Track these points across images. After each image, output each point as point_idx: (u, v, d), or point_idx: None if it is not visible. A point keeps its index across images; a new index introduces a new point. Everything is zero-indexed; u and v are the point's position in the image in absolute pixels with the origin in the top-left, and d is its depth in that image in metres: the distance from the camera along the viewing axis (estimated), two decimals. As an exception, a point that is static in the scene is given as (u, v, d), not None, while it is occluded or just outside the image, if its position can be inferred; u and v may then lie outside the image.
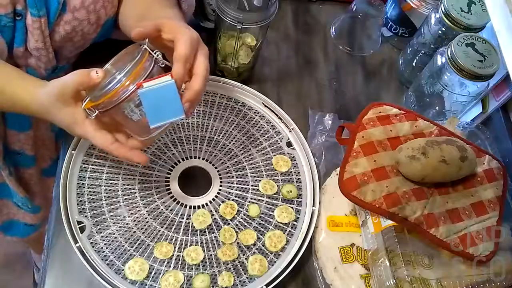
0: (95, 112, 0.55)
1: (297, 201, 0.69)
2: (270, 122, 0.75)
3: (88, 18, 0.65)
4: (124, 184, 0.66)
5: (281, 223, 0.66)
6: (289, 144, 0.74)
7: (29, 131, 0.74)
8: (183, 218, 0.65)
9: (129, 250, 0.62)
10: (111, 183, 0.66)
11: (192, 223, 0.65)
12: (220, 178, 0.69)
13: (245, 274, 0.62)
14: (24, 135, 0.75)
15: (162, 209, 0.65)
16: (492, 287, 0.62)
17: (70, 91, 0.54)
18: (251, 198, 0.68)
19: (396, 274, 0.59)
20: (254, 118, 0.75)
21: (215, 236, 0.64)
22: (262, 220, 0.67)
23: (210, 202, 0.67)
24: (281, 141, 0.74)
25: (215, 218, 0.66)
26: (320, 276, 0.64)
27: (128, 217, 0.64)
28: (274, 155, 0.72)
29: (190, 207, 0.66)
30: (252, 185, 0.69)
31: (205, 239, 0.64)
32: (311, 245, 0.66)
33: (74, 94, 0.55)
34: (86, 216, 0.63)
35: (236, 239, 0.64)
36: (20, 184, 0.81)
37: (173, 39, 0.56)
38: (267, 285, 0.61)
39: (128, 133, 0.59)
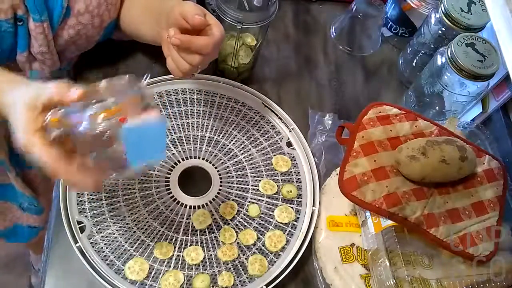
0: (54, 131, 0.47)
1: (297, 201, 0.69)
2: (270, 122, 0.75)
3: (92, 22, 0.65)
4: (124, 184, 0.66)
5: (281, 223, 0.67)
6: (289, 144, 0.74)
7: None
8: (183, 218, 0.65)
9: (129, 250, 0.62)
10: (111, 183, 0.66)
11: (192, 223, 0.65)
12: (220, 178, 0.69)
13: (245, 274, 0.62)
14: None
15: (162, 209, 0.65)
16: (492, 287, 0.62)
17: (44, 98, 0.48)
18: (251, 198, 0.68)
19: (396, 274, 0.59)
20: (254, 118, 0.75)
21: (215, 236, 0.64)
22: (262, 220, 0.67)
23: (210, 202, 0.67)
24: (281, 141, 0.74)
25: (215, 218, 0.66)
26: (320, 276, 0.64)
27: (128, 217, 0.64)
28: (274, 155, 0.72)
29: (190, 207, 0.66)
30: (252, 185, 0.69)
31: (205, 239, 0.64)
32: (311, 245, 0.66)
33: (46, 102, 0.48)
34: (86, 216, 0.63)
35: (236, 239, 0.64)
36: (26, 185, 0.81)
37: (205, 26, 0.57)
38: (267, 285, 0.61)
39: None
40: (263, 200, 0.68)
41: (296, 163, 0.72)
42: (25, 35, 0.61)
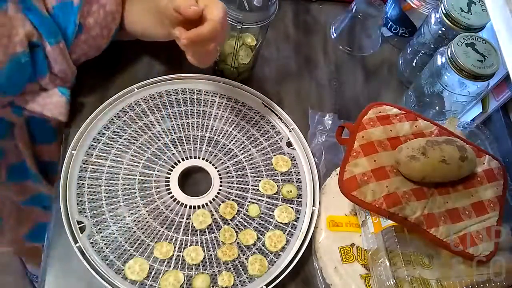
0: None
1: (297, 201, 0.69)
2: (270, 122, 0.75)
3: (102, 33, 0.65)
4: (124, 184, 0.66)
5: (281, 223, 0.67)
6: (289, 144, 0.74)
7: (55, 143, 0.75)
8: (183, 218, 0.65)
9: (129, 250, 0.62)
10: (111, 183, 0.66)
11: (192, 223, 0.65)
12: (220, 178, 0.69)
13: (245, 274, 0.62)
14: (52, 146, 0.76)
15: (162, 209, 0.65)
16: (492, 287, 0.62)
17: None
18: (251, 198, 0.68)
19: (396, 274, 0.59)
20: (254, 118, 0.75)
21: (215, 236, 0.64)
22: (262, 220, 0.67)
23: (210, 202, 0.67)
24: (281, 141, 0.74)
25: (215, 218, 0.66)
26: (320, 276, 0.65)
27: (128, 217, 0.64)
28: (274, 155, 0.72)
29: (190, 207, 0.66)
30: (252, 185, 0.69)
31: (205, 239, 0.64)
32: (311, 245, 0.66)
33: None
34: (86, 216, 0.63)
35: (236, 239, 0.64)
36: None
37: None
38: (267, 285, 0.61)
39: None
40: (263, 200, 0.68)
41: (296, 163, 0.72)
42: (43, 59, 0.61)
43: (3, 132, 0.69)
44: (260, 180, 0.69)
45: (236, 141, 0.73)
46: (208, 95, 0.76)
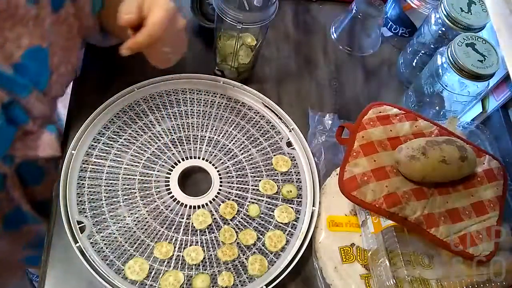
0: None
1: (297, 201, 0.69)
2: (270, 122, 0.75)
3: (66, 66, 0.62)
4: (124, 184, 0.66)
5: (281, 223, 0.67)
6: (289, 144, 0.74)
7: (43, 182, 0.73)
8: (183, 218, 0.65)
9: (129, 250, 0.62)
10: (111, 183, 0.66)
11: (192, 223, 0.65)
12: (220, 178, 0.69)
13: (245, 274, 0.62)
14: (42, 186, 0.73)
15: (162, 209, 0.65)
16: (492, 287, 0.62)
17: None
18: (251, 198, 0.68)
19: (396, 274, 0.59)
20: (254, 118, 0.75)
21: (215, 236, 0.64)
22: (262, 220, 0.67)
23: (210, 202, 0.67)
24: (281, 141, 0.74)
25: (215, 218, 0.66)
26: (320, 276, 0.65)
27: (128, 217, 0.64)
28: (274, 155, 0.72)
29: (190, 207, 0.66)
30: (252, 185, 0.69)
31: (205, 239, 0.64)
32: (311, 245, 0.66)
33: None
34: (86, 216, 0.63)
35: (236, 239, 0.64)
36: None
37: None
38: (267, 285, 0.61)
39: None
40: (263, 200, 0.68)
41: (296, 163, 0.72)
42: (20, 110, 0.58)
43: None
44: (260, 180, 0.69)
45: (236, 141, 0.73)
46: (208, 95, 0.76)
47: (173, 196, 0.67)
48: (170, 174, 0.68)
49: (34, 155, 0.63)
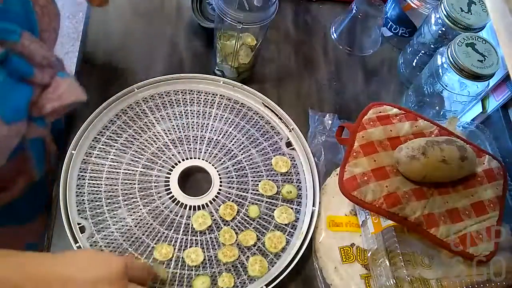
0: None
1: (297, 201, 0.69)
2: (270, 122, 0.75)
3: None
4: (124, 184, 0.66)
5: (281, 223, 0.66)
6: (289, 144, 0.74)
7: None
8: (183, 218, 0.65)
9: (129, 250, 0.62)
10: (111, 183, 0.66)
11: (192, 224, 0.65)
12: (220, 178, 0.69)
13: (245, 275, 0.62)
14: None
15: (162, 209, 0.65)
16: (492, 287, 0.62)
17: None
18: (251, 199, 0.68)
19: (396, 274, 0.59)
20: (254, 118, 0.75)
21: (215, 237, 0.64)
22: (262, 221, 0.67)
23: (211, 202, 0.67)
24: (281, 141, 0.74)
25: (215, 219, 0.66)
26: (320, 276, 0.64)
27: (128, 217, 0.64)
28: (274, 155, 0.72)
29: (190, 207, 0.66)
30: (252, 186, 0.69)
31: (205, 239, 0.64)
32: (311, 245, 0.66)
33: None
34: (86, 216, 0.63)
35: (236, 240, 0.64)
36: None
37: None
38: (267, 285, 0.61)
39: None
40: (263, 201, 0.68)
41: (296, 163, 0.72)
42: (20, 60, 0.57)
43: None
44: (260, 181, 0.69)
45: (236, 141, 0.73)
46: (208, 95, 0.76)
47: (173, 196, 0.67)
48: (170, 174, 0.68)
49: (60, 105, 0.62)
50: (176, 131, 0.72)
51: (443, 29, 0.76)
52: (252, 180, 0.69)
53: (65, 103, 0.62)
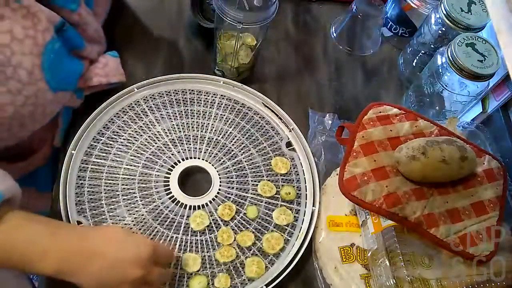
0: None
1: (296, 201, 0.69)
2: (270, 122, 0.75)
3: None
4: (123, 184, 0.66)
5: (279, 225, 0.66)
6: (289, 144, 0.74)
7: None
8: (182, 218, 0.65)
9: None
10: (110, 183, 0.66)
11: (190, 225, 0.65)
12: (220, 179, 0.69)
13: (243, 275, 0.62)
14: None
15: (161, 209, 0.65)
16: (492, 287, 0.62)
17: None
18: (250, 199, 0.68)
19: (396, 274, 0.59)
20: (254, 118, 0.75)
21: (215, 236, 0.64)
22: (261, 221, 0.67)
23: (210, 202, 0.67)
24: (281, 141, 0.74)
25: (214, 219, 0.66)
26: (320, 276, 0.64)
27: (128, 217, 0.64)
28: (274, 156, 0.72)
29: (190, 207, 0.66)
30: (251, 186, 0.69)
31: (204, 239, 0.64)
32: (311, 245, 0.66)
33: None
34: (85, 216, 0.63)
35: (234, 240, 0.64)
36: None
37: None
38: (267, 285, 0.61)
39: None
40: (262, 201, 0.68)
41: (296, 163, 0.72)
42: (75, 33, 0.61)
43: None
44: (260, 181, 0.69)
45: (236, 141, 0.73)
46: (208, 95, 0.76)
47: (172, 196, 0.67)
48: (170, 174, 0.68)
49: (106, 81, 0.67)
50: (176, 131, 0.72)
51: (443, 29, 0.76)
52: (252, 180, 0.69)
53: (110, 81, 0.68)
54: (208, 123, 0.73)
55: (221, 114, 0.75)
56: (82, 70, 0.64)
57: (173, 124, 0.72)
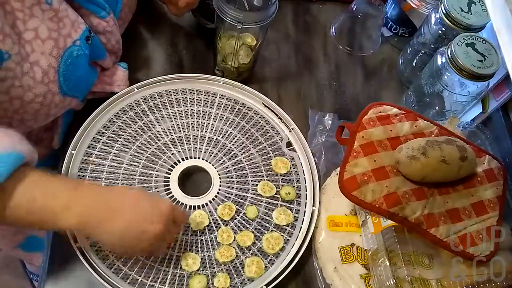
0: None
1: (297, 201, 0.69)
2: (270, 122, 0.75)
3: None
4: (124, 184, 0.66)
5: (279, 225, 0.66)
6: (289, 144, 0.74)
7: None
8: (183, 218, 0.65)
9: (129, 250, 0.62)
10: (110, 183, 0.66)
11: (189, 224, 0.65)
12: (220, 179, 0.69)
13: (242, 275, 0.62)
14: None
15: (162, 209, 0.65)
16: (492, 287, 0.62)
17: None
18: (250, 199, 0.68)
19: (396, 274, 0.59)
20: (254, 118, 0.75)
21: (215, 236, 0.64)
22: (261, 221, 0.67)
23: (210, 202, 0.67)
24: (281, 141, 0.74)
25: (214, 219, 0.66)
26: (320, 276, 0.64)
27: (128, 217, 0.64)
28: (274, 156, 0.72)
29: (190, 207, 0.66)
30: (251, 186, 0.69)
31: (204, 239, 0.64)
32: (311, 245, 0.66)
33: None
34: (86, 216, 0.63)
35: (234, 240, 0.64)
36: None
37: None
38: (267, 285, 0.61)
39: None
40: (262, 201, 0.68)
41: (296, 163, 0.72)
42: (99, 43, 0.63)
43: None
44: (260, 181, 0.69)
45: (236, 141, 0.73)
46: (208, 95, 0.76)
47: (172, 196, 0.67)
48: (170, 174, 0.68)
49: (109, 90, 0.70)
50: (176, 131, 0.72)
51: (443, 29, 0.76)
52: (252, 180, 0.69)
53: (114, 90, 0.70)
54: (208, 123, 0.73)
55: (221, 114, 0.75)
56: (95, 79, 0.66)
57: (173, 124, 0.72)
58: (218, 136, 0.73)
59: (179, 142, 0.71)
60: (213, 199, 0.67)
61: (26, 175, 0.49)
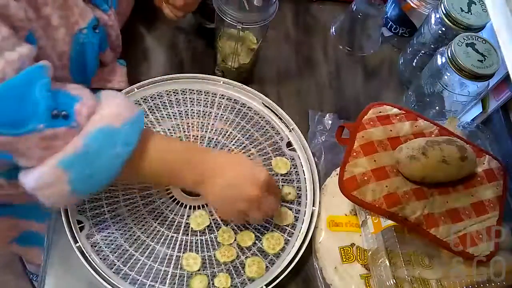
0: None
1: (297, 201, 0.69)
2: (270, 122, 0.75)
3: None
4: (124, 184, 0.66)
5: (279, 225, 0.66)
6: (289, 144, 0.74)
7: None
8: (182, 218, 0.65)
9: (128, 250, 0.62)
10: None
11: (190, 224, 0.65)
12: (220, 178, 0.69)
13: (243, 275, 0.62)
14: None
15: (162, 209, 0.65)
16: (492, 287, 0.62)
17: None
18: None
19: (396, 274, 0.59)
20: (254, 118, 0.75)
21: (215, 236, 0.64)
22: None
23: (210, 202, 0.67)
24: (281, 141, 0.74)
25: (214, 219, 0.66)
26: (320, 276, 0.64)
27: (128, 217, 0.64)
28: (274, 156, 0.72)
29: (190, 207, 0.66)
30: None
31: (205, 239, 0.64)
32: (311, 245, 0.66)
33: None
34: (86, 216, 0.63)
35: (234, 240, 0.64)
36: None
37: None
38: (267, 285, 0.61)
39: None
40: (263, 200, 0.68)
41: (296, 163, 0.72)
42: (104, 35, 0.64)
43: None
44: (260, 180, 0.69)
45: (236, 141, 0.73)
46: (208, 95, 0.76)
47: (172, 196, 0.67)
48: (170, 174, 0.68)
49: (110, 86, 0.71)
50: (176, 131, 0.72)
51: (443, 29, 0.76)
52: (252, 180, 0.69)
53: (113, 87, 0.71)
54: (208, 123, 0.73)
55: (221, 114, 0.75)
56: (97, 71, 0.67)
57: (173, 124, 0.72)
58: (218, 136, 0.73)
59: (179, 142, 0.71)
60: (213, 199, 0.67)
61: (151, 137, 0.56)
